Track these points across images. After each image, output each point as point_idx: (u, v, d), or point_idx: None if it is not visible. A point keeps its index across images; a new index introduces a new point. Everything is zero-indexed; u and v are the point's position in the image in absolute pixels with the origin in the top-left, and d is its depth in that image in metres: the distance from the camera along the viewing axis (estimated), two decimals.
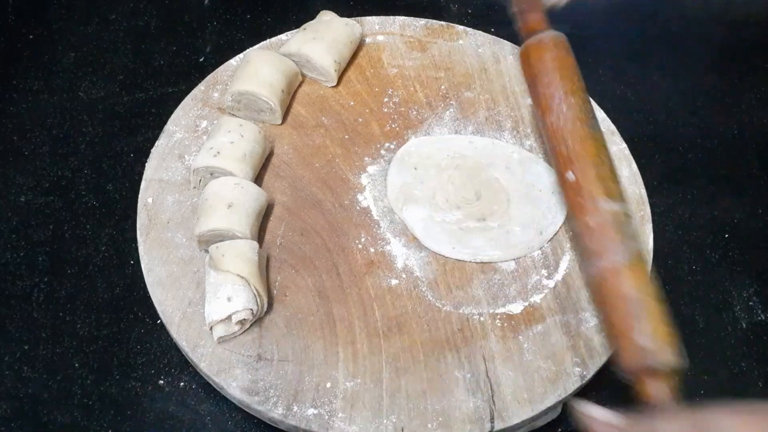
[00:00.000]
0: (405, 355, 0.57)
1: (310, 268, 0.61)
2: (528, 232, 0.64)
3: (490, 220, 0.65)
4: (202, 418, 0.59)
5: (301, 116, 0.70)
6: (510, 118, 0.71)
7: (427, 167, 0.67)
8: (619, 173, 0.67)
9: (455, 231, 0.64)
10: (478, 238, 0.64)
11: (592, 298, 0.59)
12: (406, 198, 0.65)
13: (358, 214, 0.65)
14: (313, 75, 0.72)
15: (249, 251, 0.57)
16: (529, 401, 0.56)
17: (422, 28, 0.77)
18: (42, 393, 0.59)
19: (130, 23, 0.83)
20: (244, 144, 0.62)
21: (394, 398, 0.55)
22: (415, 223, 0.64)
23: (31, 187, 0.69)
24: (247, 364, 0.56)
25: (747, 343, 0.64)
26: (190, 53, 0.80)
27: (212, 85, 0.71)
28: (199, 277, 0.59)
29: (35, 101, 0.75)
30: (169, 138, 0.67)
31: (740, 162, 0.76)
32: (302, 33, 0.71)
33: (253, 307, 0.56)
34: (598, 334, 0.59)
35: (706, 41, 0.85)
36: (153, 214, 0.63)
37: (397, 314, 0.59)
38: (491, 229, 0.64)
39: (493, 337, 0.59)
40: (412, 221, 0.64)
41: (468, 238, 0.63)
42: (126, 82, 0.77)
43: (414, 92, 0.72)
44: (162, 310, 0.58)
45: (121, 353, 0.61)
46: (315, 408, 0.54)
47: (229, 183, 0.60)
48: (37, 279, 0.64)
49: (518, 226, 0.64)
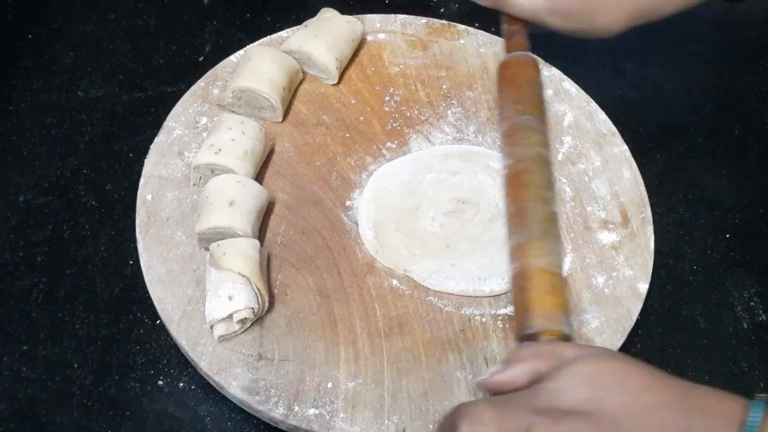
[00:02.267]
0: (406, 355, 0.57)
1: (311, 267, 0.61)
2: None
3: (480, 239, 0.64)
4: (202, 419, 0.58)
5: (302, 114, 0.70)
6: None
7: (406, 186, 0.66)
8: (619, 175, 0.68)
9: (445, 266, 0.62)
10: (470, 263, 0.62)
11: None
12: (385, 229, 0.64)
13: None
14: (314, 72, 0.72)
15: (250, 249, 0.57)
16: None
17: (423, 27, 0.77)
18: (41, 393, 0.58)
19: (129, 22, 0.82)
20: (246, 141, 0.62)
21: (395, 399, 0.55)
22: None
23: (30, 186, 0.69)
24: (247, 363, 0.55)
25: (748, 343, 0.64)
26: (190, 52, 0.80)
27: (212, 82, 0.71)
28: (199, 275, 0.59)
29: (34, 100, 0.75)
30: (169, 134, 0.67)
31: (741, 162, 0.76)
32: (303, 30, 0.71)
33: (254, 305, 0.55)
34: (599, 335, 0.59)
35: (706, 41, 0.85)
36: (152, 211, 0.63)
37: (398, 314, 0.59)
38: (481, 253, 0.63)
39: (494, 338, 0.58)
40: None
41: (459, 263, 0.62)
42: (125, 81, 0.77)
43: (415, 91, 0.72)
44: (161, 308, 0.58)
45: (120, 353, 0.60)
46: (316, 408, 0.54)
47: (230, 180, 0.60)
48: (36, 279, 0.64)
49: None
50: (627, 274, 0.62)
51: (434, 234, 0.63)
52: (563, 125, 0.71)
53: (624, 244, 0.64)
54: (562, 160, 0.69)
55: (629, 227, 0.65)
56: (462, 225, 0.64)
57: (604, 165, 0.69)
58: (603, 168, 0.68)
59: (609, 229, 0.65)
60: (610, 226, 0.65)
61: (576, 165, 0.69)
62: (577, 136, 0.70)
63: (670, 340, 0.64)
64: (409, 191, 0.66)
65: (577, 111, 0.72)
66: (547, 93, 0.73)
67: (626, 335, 0.59)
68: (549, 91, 0.73)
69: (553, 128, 0.70)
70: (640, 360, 0.47)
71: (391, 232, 0.63)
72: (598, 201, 0.67)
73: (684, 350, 0.64)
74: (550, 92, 0.73)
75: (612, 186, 0.67)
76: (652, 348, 0.64)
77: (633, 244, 0.64)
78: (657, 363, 0.62)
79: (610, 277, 0.62)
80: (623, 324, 0.60)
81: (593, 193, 0.67)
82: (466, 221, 0.64)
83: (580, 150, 0.69)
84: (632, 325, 0.60)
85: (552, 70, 0.74)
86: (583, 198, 0.67)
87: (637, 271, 0.63)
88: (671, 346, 0.64)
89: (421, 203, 0.65)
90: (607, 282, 0.62)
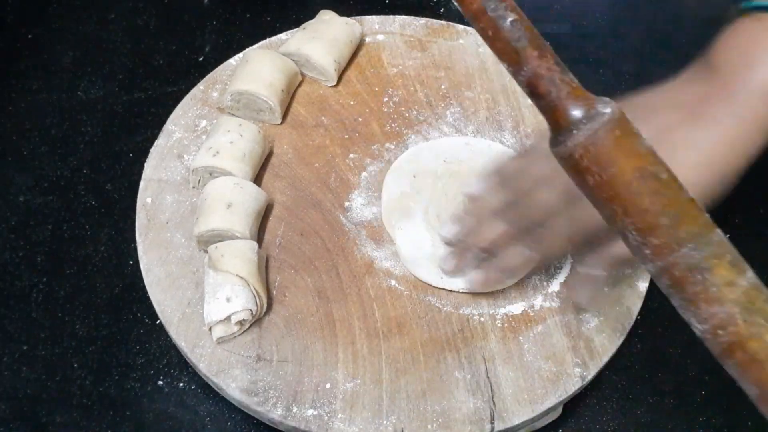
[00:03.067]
0: (405, 355, 0.57)
1: (310, 269, 0.61)
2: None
3: None
4: (202, 419, 0.58)
5: (301, 116, 0.70)
6: (510, 117, 0.71)
7: (425, 176, 0.66)
8: None
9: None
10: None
11: None
12: (400, 214, 0.64)
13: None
14: (312, 74, 0.72)
15: (248, 251, 0.57)
16: (530, 402, 0.55)
17: (422, 28, 0.77)
18: (41, 393, 0.59)
19: (129, 22, 0.82)
20: (244, 144, 0.62)
21: (394, 399, 0.55)
22: (407, 252, 0.62)
23: (29, 186, 0.69)
24: (246, 364, 0.56)
25: None
26: (190, 53, 0.80)
27: (211, 85, 0.71)
28: (198, 278, 0.59)
29: (34, 101, 0.75)
30: (168, 138, 0.67)
31: None
32: (302, 32, 0.71)
33: (253, 307, 0.55)
34: (599, 334, 0.59)
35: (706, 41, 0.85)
36: (152, 214, 0.63)
37: (397, 315, 0.59)
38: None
39: (493, 338, 0.58)
40: (403, 246, 0.62)
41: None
42: (125, 81, 0.77)
43: (414, 92, 0.72)
44: (161, 311, 0.58)
45: (120, 353, 0.61)
46: (314, 409, 0.54)
47: (228, 183, 0.60)
48: (36, 279, 0.64)
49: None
50: (627, 272, 0.62)
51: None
52: None
53: None
54: None
55: None
56: None
57: None
58: None
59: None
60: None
61: None
62: None
63: (670, 339, 0.64)
64: (432, 182, 0.65)
65: None
66: None
67: (626, 334, 0.59)
68: None
69: None
70: None
71: (419, 225, 0.63)
72: None
73: (684, 349, 0.64)
74: None
75: None
76: (652, 347, 0.64)
77: None
78: (657, 362, 0.63)
79: (609, 276, 0.62)
80: (623, 322, 0.60)
81: None
82: None
83: None
84: (632, 323, 0.60)
85: None
86: None
87: (637, 269, 0.62)
88: (671, 345, 0.64)
89: (449, 190, 0.65)
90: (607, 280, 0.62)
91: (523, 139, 0.69)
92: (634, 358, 0.63)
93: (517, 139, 0.70)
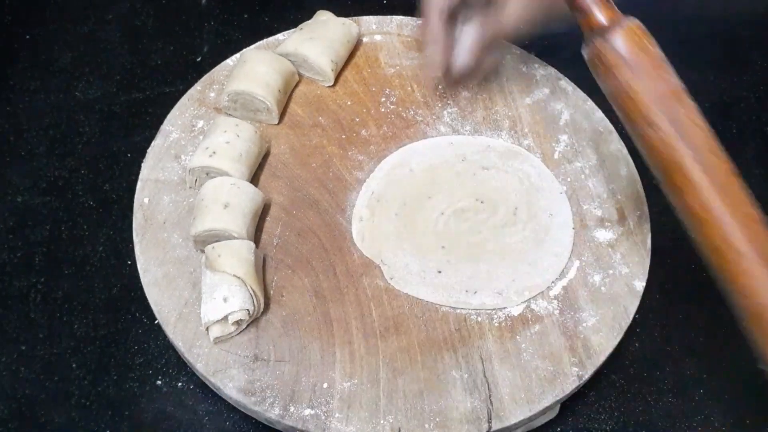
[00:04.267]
0: (402, 355, 0.57)
1: (307, 269, 0.61)
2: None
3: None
4: (200, 419, 0.59)
5: (298, 116, 0.70)
6: (507, 117, 0.71)
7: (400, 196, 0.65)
8: (616, 173, 0.68)
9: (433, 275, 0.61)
10: (461, 272, 0.61)
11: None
12: (380, 244, 0.63)
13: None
14: (309, 75, 0.72)
15: (245, 251, 0.57)
16: (527, 401, 0.55)
17: None
18: (39, 393, 0.59)
19: (126, 23, 0.82)
20: (240, 144, 0.62)
21: (391, 398, 0.55)
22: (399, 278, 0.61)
23: (27, 187, 0.69)
24: (243, 364, 0.56)
25: (746, 341, 0.64)
26: (188, 53, 0.80)
27: (209, 85, 0.71)
28: (195, 278, 0.59)
29: (32, 101, 0.75)
30: (166, 138, 0.67)
31: (739, 162, 0.75)
32: (299, 33, 0.71)
33: (250, 307, 0.56)
34: (596, 333, 0.59)
35: (705, 40, 0.85)
36: (149, 214, 0.63)
37: (394, 314, 0.59)
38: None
39: (490, 337, 0.59)
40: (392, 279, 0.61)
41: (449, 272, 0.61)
42: (123, 82, 0.77)
43: (411, 92, 0.72)
44: (158, 311, 0.58)
45: (118, 353, 0.61)
46: (312, 408, 0.54)
47: (225, 183, 0.60)
48: (34, 279, 0.64)
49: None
50: (624, 271, 0.62)
51: (434, 231, 0.63)
52: (560, 123, 0.71)
53: (621, 242, 0.64)
54: (558, 158, 0.69)
55: (626, 225, 0.65)
56: (470, 226, 0.64)
57: (601, 163, 0.69)
58: (600, 166, 0.68)
59: (606, 227, 0.65)
60: (607, 224, 0.65)
61: (572, 163, 0.69)
62: (574, 134, 0.70)
63: (668, 338, 0.64)
64: (432, 178, 0.65)
65: (574, 109, 0.72)
66: (544, 92, 0.73)
67: (623, 333, 0.59)
68: (545, 89, 0.73)
69: (549, 127, 0.70)
70: None
71: (389, 215, 0.63)
72: (594, 199, 0.67)
73: (681, 348, 0.64)
74: (547, 91, 0.73)
75: (609, 184, 0.67)
76: (650, 346, 0.64)
77: (630, 242, 0.64)
78: (655, 362, 0.63)
79: (606, 275, 0.62)
80: (620, 322, 0.60)
81: (590, 191, 0.67)
82: (477, 223, 0.64)
83: (577, 148, 0.69)
84: (629, 323, 0.60)
85: (548, 68, 0.74)
86: (579, 196, 0.67)
87: (633, 268, 0.63)
88: (669, 344, 0.64)
89: (437, 192, 0.65)
90: (604, 280, 0.62)
91: (520, 139, 0.70)
92: (631, 357, 0.63)
93: (515, 138, 0.70)
